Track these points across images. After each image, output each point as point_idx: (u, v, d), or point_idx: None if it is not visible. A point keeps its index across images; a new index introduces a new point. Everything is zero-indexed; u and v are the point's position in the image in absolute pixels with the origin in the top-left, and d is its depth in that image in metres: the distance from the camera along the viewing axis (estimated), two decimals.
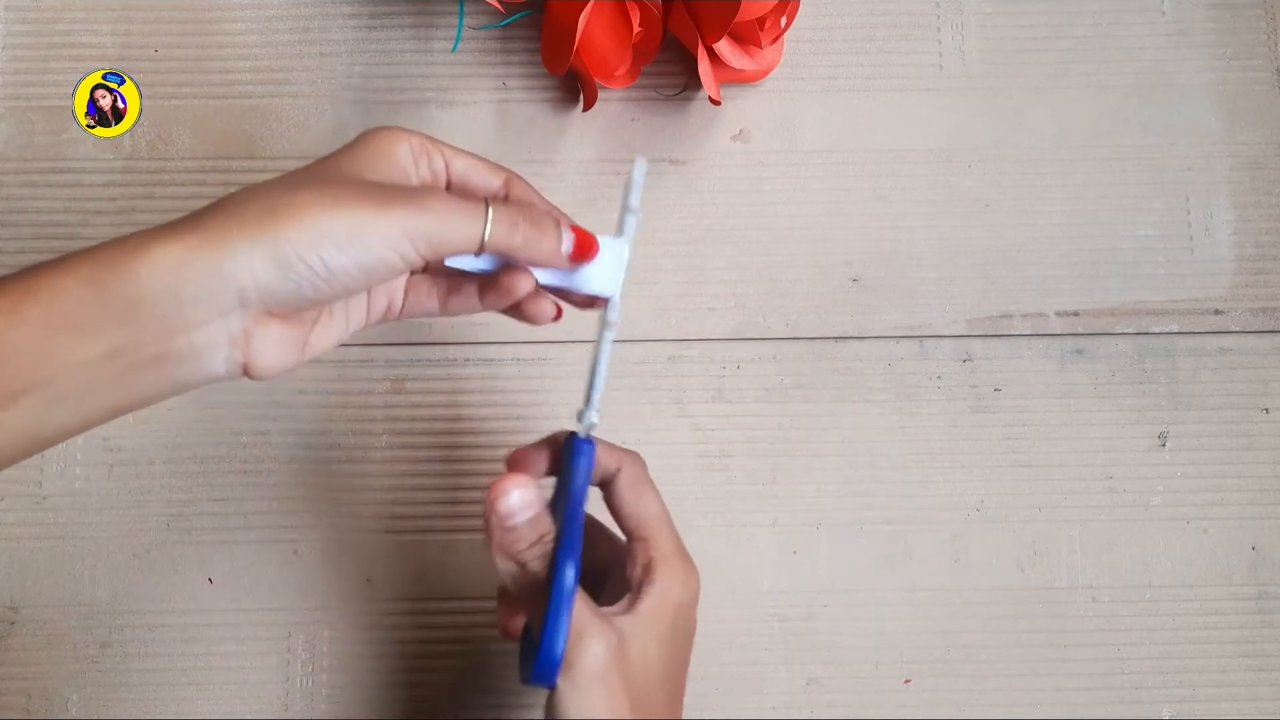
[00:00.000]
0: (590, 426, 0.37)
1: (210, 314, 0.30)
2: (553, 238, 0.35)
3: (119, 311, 0.29)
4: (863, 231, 0.51)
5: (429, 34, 0.52)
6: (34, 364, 0.28)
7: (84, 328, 0.29)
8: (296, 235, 0.30)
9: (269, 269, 0.30)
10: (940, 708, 0.48)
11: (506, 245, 0.34)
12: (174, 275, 0.29)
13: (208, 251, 0.29)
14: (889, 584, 0.49)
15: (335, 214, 0.30)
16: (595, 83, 0.49)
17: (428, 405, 0.49)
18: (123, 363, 0.29)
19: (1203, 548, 0.50)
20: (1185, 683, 0.49)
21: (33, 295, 0.29)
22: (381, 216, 0.31)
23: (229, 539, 0.49)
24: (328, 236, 0.30)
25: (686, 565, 0.38)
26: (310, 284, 0.31)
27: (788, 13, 0.48)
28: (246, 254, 0.29)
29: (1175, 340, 0.51)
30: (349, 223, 0.30)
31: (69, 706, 0.47)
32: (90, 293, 0.29)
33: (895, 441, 0.50)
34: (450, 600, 0.49)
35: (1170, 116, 0.52)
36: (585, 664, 0.33)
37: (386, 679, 0.48)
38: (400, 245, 0.31)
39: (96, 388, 0.30)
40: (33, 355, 0.28)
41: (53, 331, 0.29)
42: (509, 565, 0.35)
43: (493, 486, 0.34)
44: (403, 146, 0.34)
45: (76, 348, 0.29)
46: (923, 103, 0.52)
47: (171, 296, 0.29)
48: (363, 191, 0.31)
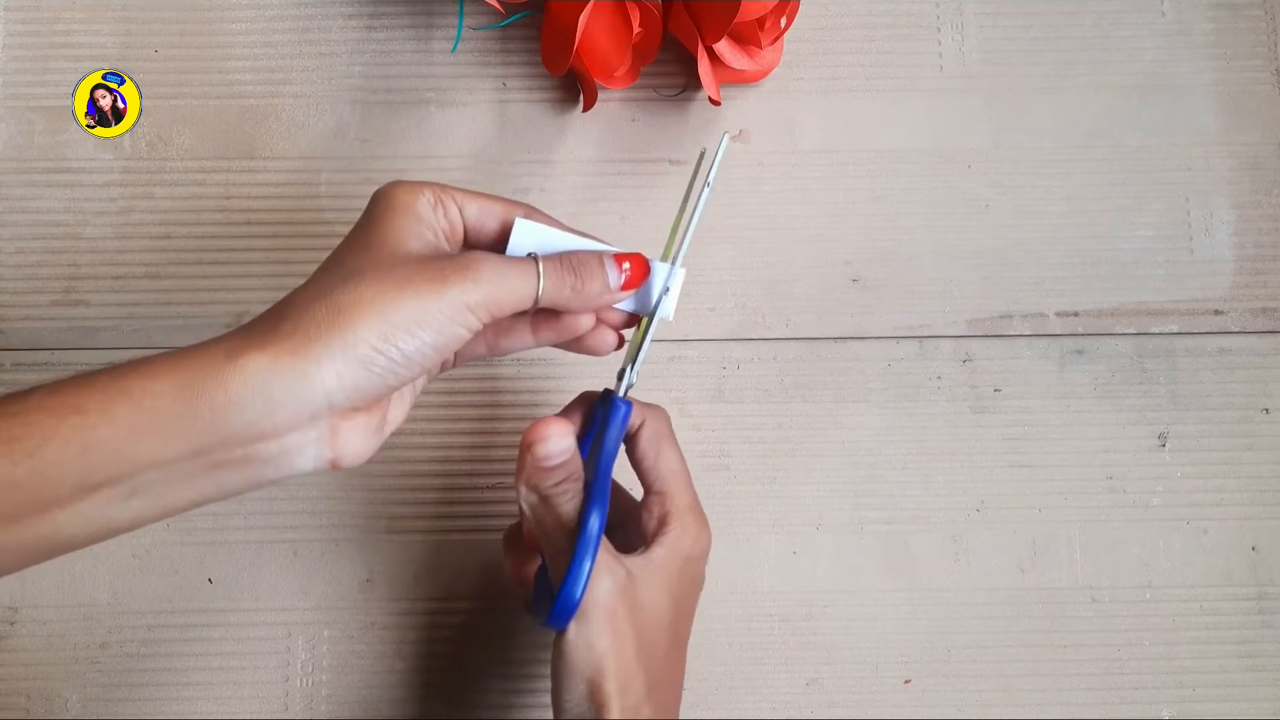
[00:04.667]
0: (629, 386, 0.38)
1: (300, 418, 0.31)
2: (600, 280, 0.36)
3: (208, 416, 0.30)
4: (863, 232, 0.51)
5: (429, 34, 0.52)
6: (117, 461, 0.29)
7: (170, 430, 0.29)
8: (370, 332, 0.31)
9: (353, 369, 0.31)
10: (940, 708, 0.48)
11: (558, 299, 0.35)
12: (264, 383, 0.30)
13: (292, 360, 0.30)
14: (889, 584, 0.49)
15: (400, 303, 0.31)
16: (595, 83, 0.49)
17: (427, 406, 0.49)
18: (207, 461, 0.30)
19: (1203, 548, 0.50)
20: (1185, 683, 0.49)
21: (123, 396, 0.29)
22: (443, 296, 0.32)
23: (229, 539, 0.49)
24: (399, 327, 0.31)
25: (700, 520, 0.39)
26: (392, 374, 0.32)
27: (788, 13, 0.48)
28: (329, 358, 0.30)
29: (1175, 340, 0.51)
30: (415, 309, 0.31)
31: (69, 707, 0.47)
32: (180, 397, 0.30)
33: (895, 442, 0.50)
34: (450, 600, 0.49)
35: (1170, 117, 0.52)
36: (594, 595, 0.34)
37: (386, 679, 0.48)
38: (464, 319, 0.32)
39: (177, 483, 0.30)
40: (116, 453, 0.29)
41: (139, 433, 0.29)
42: (533, 497, 0.36)
43: (532, 428, 0.35)
44: (421, 201, 0.35)
45: (161, 448, 0.29)
46: (922, 103, 0.52)
47: (263, 403, 0.30)
48: (417, 271, 0.32)
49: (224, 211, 0.50)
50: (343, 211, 0.50)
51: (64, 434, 0.29)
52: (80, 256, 0.50)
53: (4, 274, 0.50)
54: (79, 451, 0.29)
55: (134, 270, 0.50)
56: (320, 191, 0.50)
